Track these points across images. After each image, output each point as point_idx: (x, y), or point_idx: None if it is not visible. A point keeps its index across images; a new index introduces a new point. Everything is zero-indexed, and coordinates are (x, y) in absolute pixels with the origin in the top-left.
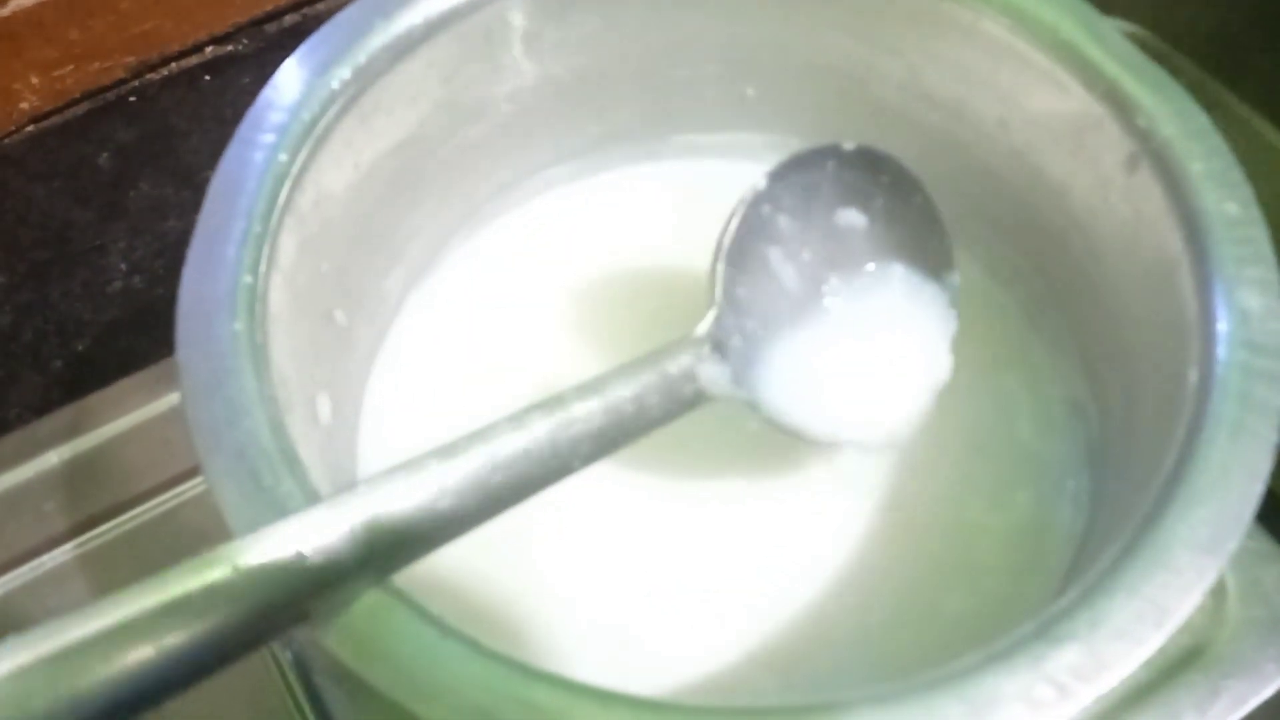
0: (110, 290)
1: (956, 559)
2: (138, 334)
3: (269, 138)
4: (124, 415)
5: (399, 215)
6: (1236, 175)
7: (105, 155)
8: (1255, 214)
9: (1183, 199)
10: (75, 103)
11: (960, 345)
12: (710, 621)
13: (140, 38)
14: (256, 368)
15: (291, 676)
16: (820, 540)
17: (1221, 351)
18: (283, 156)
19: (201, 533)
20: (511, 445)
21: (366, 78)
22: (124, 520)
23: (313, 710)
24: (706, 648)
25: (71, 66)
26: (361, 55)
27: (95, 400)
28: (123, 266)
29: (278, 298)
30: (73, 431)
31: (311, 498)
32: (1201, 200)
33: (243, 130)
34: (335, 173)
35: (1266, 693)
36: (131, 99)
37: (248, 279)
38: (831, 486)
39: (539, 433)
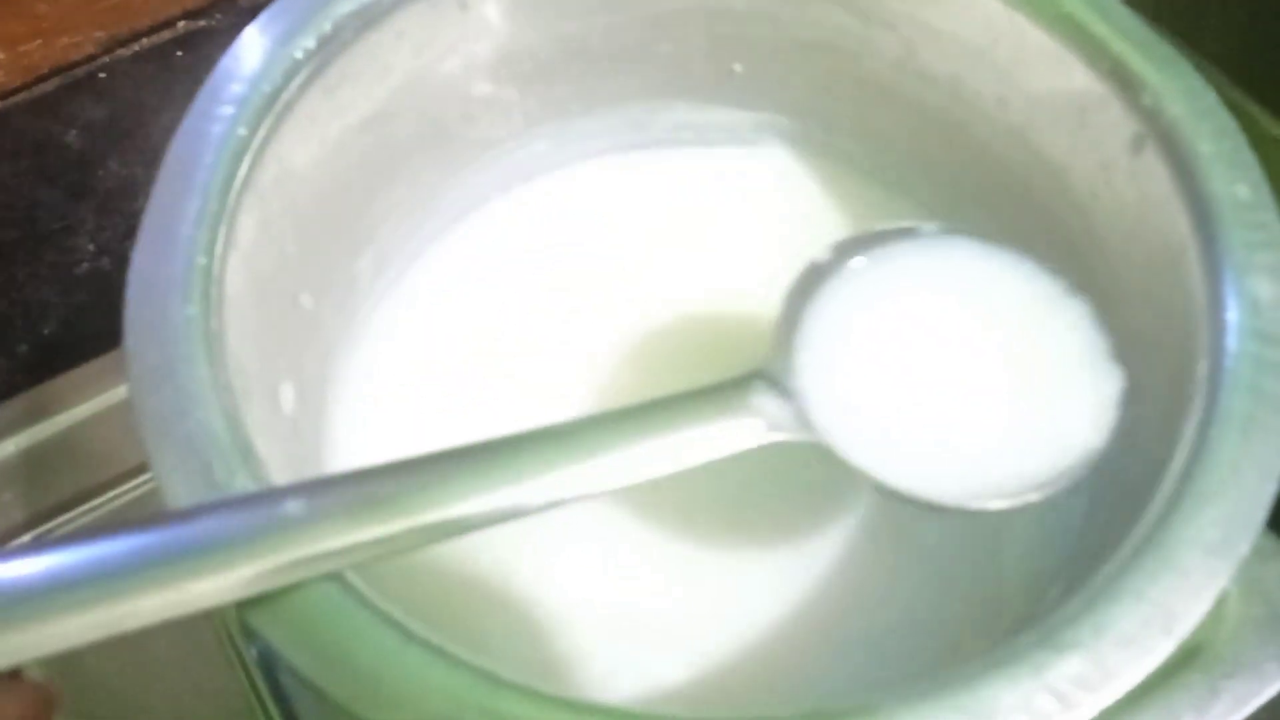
0: (78, 272)
1: (937, 565)
2: (106, 317)
3: (227, 110)
4: (84, 403)
5: (369, 195)
6: (1247, 156)
7: (74, 133)
8: (1267, 197)
9: (1190, 181)
10: (43, 79)
11: None
12: (692, 633)
13: (110, 12)
14: (210, 355)
15: (256, 674)
16: (800, 551)
17: (1231, 342)
18: (242, 130)
19: None
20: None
21: (332, 47)
22: (85, 510)
23: (277, 709)
24: (688, 659)
25: (39, 41)
26: (326, 23)
27: (53, 387)
28: (91, 248)
29: (236, 280)
30: (31, 419)
31: None
32: (1210, 183)
33: (199, 102)
34: (299, 148)
35: (1267, 693)
36: (101, 75)
37: (202, 260)
38: (808, 494)
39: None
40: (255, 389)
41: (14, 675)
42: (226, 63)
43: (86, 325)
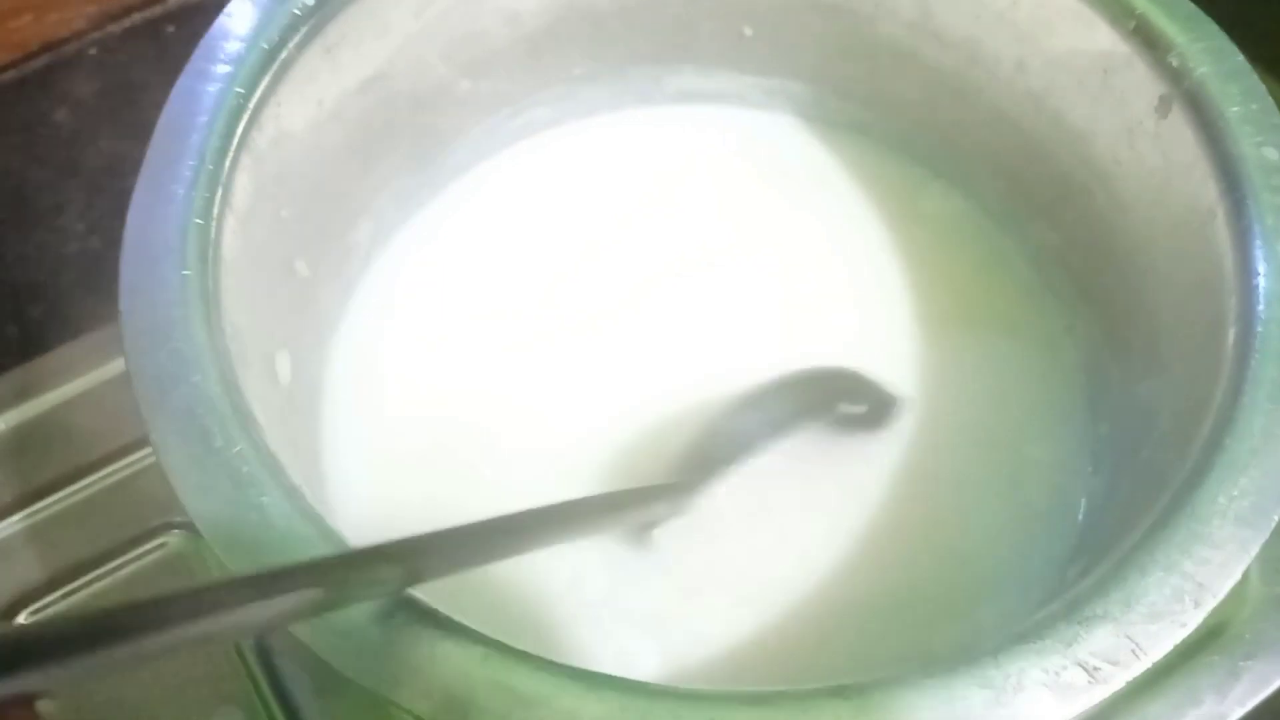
0: (67, 251)
1: (963, 537)
2: (95, 298)
3: (224, 69)
4: (74, 380)
5: (368, 160)
6: (1276, 119)
7: (63, 110)
8: None
9: (1218, 144)
10: (33, 55)
11: (968, 308)
12: (716, 609)
13: None
14: (208, 318)
15: (251, 659)
16: (822, 521)
17: (1262, 308)
18: (239, 89)
19: (157, 503)
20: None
21: (332, 5)
22: (75, 490)
23: (274, 693)
24: (711, 633)
25: (29, 17)
26: None
27: (44, 365)
28: (80, 227)
29: (232, 244)
30: (21, 397)
31: (268, 463)
32: (1239, 145)
33: (195, 60)
34: (297, 109)
35: None
36: (91, 51)
37: (199, 221)
38: (830, 466)
39: None
40: (252, 356)
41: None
42: (223, 20)
43: (76, 306)
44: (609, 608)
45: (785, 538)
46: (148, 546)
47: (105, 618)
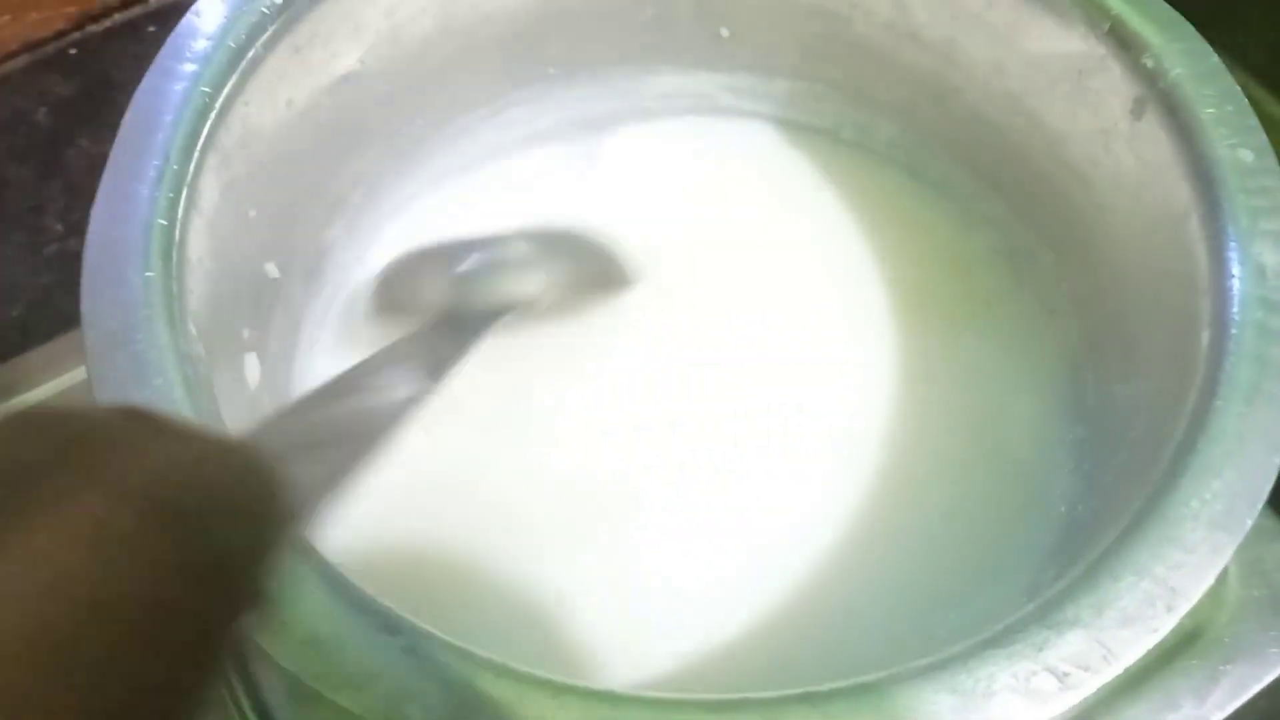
0: (47, 252)
1: (942, 540)
2: (74, 299)
3: (190, 67)
4: (51, 381)
5: (339, 161)
6: (1251, 121)
7: (44, 110)
8: (1271, 163)
9: (1193, 146)
10: (13, 55)
11: (947, 309)
12: (688, 611)
13: None
14: (171, 320)
15: (226, 665)
16: (799, 526)
17: (1236, 310)
18: (205, 88)
19: None
20: None
21: (301, 4)
22: None
23: (249, 700)
24: (681, 636)
25: (9, 17)
26: None
27: (21, 366)
28: (59, 228)
29: (198, 245)
30: None
31: None
32: (1213, 147)
33: (162, 59)
34: (266, 109)
35: (1268, 678)
36: (72, 51)
37: (162, 222)
38: (806, 468)
39: None
40: (218, 359)
41: None
42: (190, 18)
43: (55, 307)
44: (580, 612)
45: (762, 542)
46: None
47: None
